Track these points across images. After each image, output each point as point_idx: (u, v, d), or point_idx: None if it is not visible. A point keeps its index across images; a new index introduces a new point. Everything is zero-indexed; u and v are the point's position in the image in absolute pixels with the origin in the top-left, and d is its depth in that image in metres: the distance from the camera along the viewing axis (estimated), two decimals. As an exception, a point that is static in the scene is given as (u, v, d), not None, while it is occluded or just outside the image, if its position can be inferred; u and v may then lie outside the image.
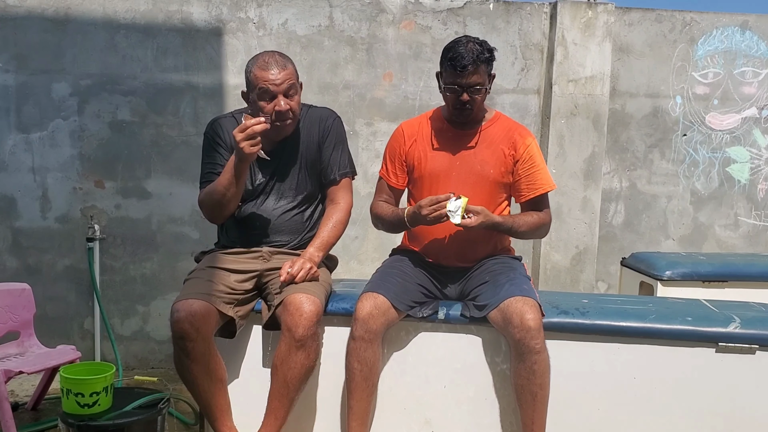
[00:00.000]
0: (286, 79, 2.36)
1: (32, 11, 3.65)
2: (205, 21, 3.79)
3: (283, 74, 2.36)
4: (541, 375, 2.22)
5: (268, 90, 2.34)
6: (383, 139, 3.88)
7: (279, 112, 2.36)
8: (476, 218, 2.31)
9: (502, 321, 2.25)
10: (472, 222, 2.31)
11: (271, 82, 2.34)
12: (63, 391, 2.34)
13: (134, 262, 3.87)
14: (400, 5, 3.95)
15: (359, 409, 2.32)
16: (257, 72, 2.36)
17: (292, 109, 2.40)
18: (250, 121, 2.22)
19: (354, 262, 4.04)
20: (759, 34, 4.25)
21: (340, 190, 2.55)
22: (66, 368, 2.49)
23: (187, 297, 2.25)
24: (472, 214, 2.31)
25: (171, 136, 3.83)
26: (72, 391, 2.31)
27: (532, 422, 2.26)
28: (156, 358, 3.93)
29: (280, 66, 2.37)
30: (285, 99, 2.37)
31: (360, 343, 2.27)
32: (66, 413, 2.34)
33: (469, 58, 2.32)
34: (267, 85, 2.34)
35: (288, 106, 2.38)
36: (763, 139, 4.35)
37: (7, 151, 3.71)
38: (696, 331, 2.34)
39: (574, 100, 4.04)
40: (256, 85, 2.36)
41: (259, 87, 2.35)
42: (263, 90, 2.34)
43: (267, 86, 2.34)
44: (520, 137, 2.51)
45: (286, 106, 2.37)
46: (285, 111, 2.37)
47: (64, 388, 2.33)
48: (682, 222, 4.35)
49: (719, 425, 2.35)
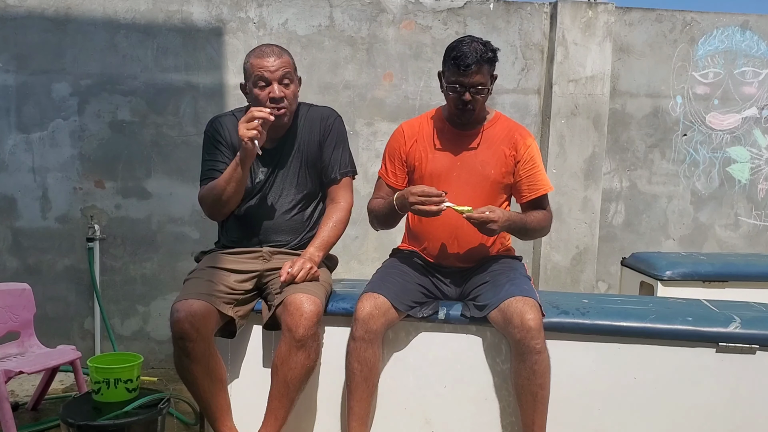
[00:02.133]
0: (281, 67, 2.37)
1: (32, 11, 3.65)
2: (205, 21, 3.79)
3: (279, 62, 2.37)
4: (541, 375, 2.22)
5: (263, 76, 2.35)
6: (383, 139, 3.88)
7: (273, 98, 2.36)
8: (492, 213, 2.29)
9: (503, 321, 2.25)
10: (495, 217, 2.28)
11: (266, 68, 2.35)
12: (104, 384, 2.39)
13: (134, 262, 3.87)
14: (401, 5, 3.95)
15: (360, 409, 2.32)
16: (253, 60, 2.38)
17: (287, 96, 2.39)
18: (257, 109, 2.27)
19: (354, 262, 4.04)
20: (759, 34, 4.25)
21: (341, 189, 2.55)
22: (95, 359, 2.55)
23: (187, 297, 2.24)
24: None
25: (171, 136, 3.83)
26: (121, 379, 2.38)
27: (533, 422, 2.26)
28: (156, 358, 3.93)
29: (276, 54, 2.38)
30: (280, 86, 2.37)
31: (360, 343, 2.27)
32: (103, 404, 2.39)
33: (473, 57, 2.32)
34: (262, 71, 2.35)
35: (282, 93, 2.37)
36: (763, 139, 4.34)
37: (7, 151, 3.71)
38: (696, 331, 2.34)
39: (575, 100, 4.04)
40: (252, 72, 2.37)
41: (255, 74, 2.36)
42: (258, 76, 2.35)
43: (262, 72, 2.35)
44: (521, 138, 2.51)
45: (280, 93, 2.37)
46: (279, 97, 2.37)
47: (108, 380, 2.39)
48: (683, 222, 4.35)
49: (719, 425, 2.35)
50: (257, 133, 2.26)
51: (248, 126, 2.25)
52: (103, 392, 2.41)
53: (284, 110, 2.41)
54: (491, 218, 2.28)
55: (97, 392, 2.43)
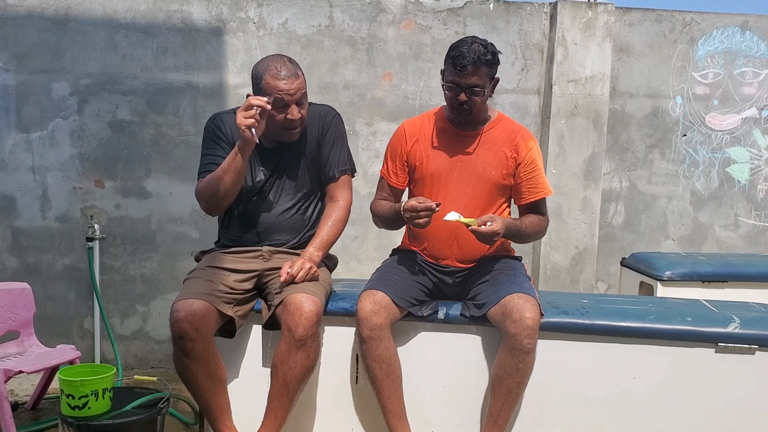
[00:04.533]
0: (299, 89, 2.36)
1: (32, 11, 3.65)
2: (205, 21, 3.79)
3: (297, 83, 2.36)
4: (522, 374, 2.25)
5: (283, 99, 2.34)
6: (383, 139, 3.88)
7: (290, 120, 2.37)
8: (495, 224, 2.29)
9: (501, 316, 2.25)
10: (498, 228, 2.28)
11: (285, 92, 2.33)
12: (61, 392, 2.34)
13: (134, 261, 3.87)
14: (401, 5, 3.95)
15: (392, 405, 2.33)
16: (270, 80, 2.34)
17: (303, 117, 2.41)
18: (255, 98, 2.25)
19: (354, 262, 4.04)
20: (759, 35, 4.25)
21: (339, 188, 2.55)
22: (64, 369, 2.49)
23: (187, 297, 2.25)
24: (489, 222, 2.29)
25: (171, 135, 3.83)
26: (64, 392, 2.31)
27: (498, 414, 2.28)
28: (156, 358, 3.93)
29: (292, 75, 2.36)
30: (297, 108, 2.37)
31: (369, 343, 2.28)
32: (62, 414, 2.35)
33: (470, 58, 2.32)
34: (282, 95, 2.33)
35: (300, 115, 2.39)
36: (763, 140, 4.35)
37: (7, 150, 3.71)
38: (696, 332, 2.34)
39: (574, 100, 4.04)
40: (269, 93, 2.33)
41: (274, 96, 2.32)
42: (277, 99, 2.33)
43: (282, 96, 2.33)
44: (523, 140, 2.51)
45: (297, 115, 2.38)
46: (296, 120, 2.38)
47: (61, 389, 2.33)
48: (682, 222, 4.35)
49: (719, 425, 2.35)
50: (255, 121, 2.25)
51: (246, 114, 2.24)
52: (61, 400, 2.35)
53: (299, 130, 2.43)
54: (496, 230, 2.29)
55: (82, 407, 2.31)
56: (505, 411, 2.29)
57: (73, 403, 2.30)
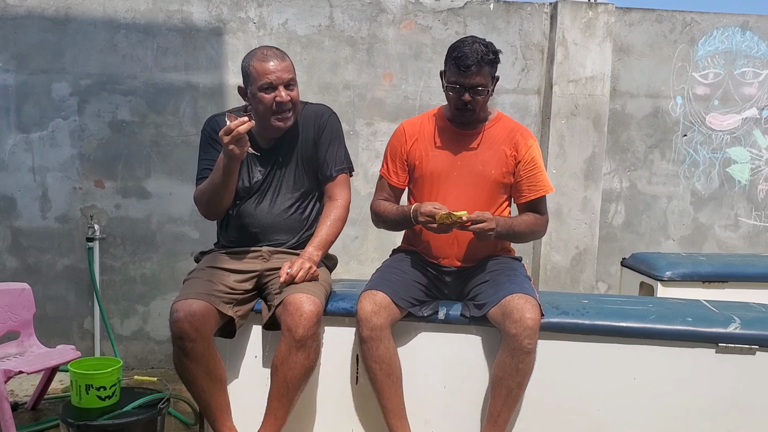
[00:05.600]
0: (286, 71, 2.37)
1: (32, 11, 3.65)
2: (205, 21, 3.79)
3: (283, 66, 2.37)
4: (523, 375, 2.24)
5: (269, 81, 2.35)
6: (383, 139, 3.88)
7: (280, 102, 2.37)
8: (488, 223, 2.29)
9: (501, 316, 2.25)
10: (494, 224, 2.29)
11: (272, 73, 2.34)
12: (78, 389, 2.35)
13: (134, 262, 3.87)
14: (401, 5, 3.95)
15: (393, 406, 2.33)
16: (257, 65, 2.36)
17: (293, 99, 2.40)
18: (234, 123, 2.19)
19: (354, 262, 4.04)
20: (759, 35, 4.25)
21: (337, 187, 2.55)
22: (75, 364, 2.50)
23: (187, 297, 2.24)
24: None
25: (171, 135, 3.83)
26: (93, 385, 2.34)
27: (498, 415, 2.28)
28: (156, 358, 3.93)
29: (279, 58, 2.38)
30: (285, 90, 2.37)
31: (369, 343, 2.28)
32: (80, 409, 2.36)
33: (473, 58, 2.32)
34: (268, 77, 2.34)
35: (289, 97, 2.38)
36: (763, 140, 4.34)
37: (7, 150, 3.71)
38: (696, 332, 2.34)
39: (575, 101, 4.04)
40: (257, 77, 2.36)
41: (260, 79, 2.34)
42: (265, 82, 2.34)
43: (268, 78, 2.34)
44: (522, 139, 2.51)
45: (287, 97, 2.37)
46: (286, 101, 2.38)
47: (81, 385, 2.34)
48: (683, 222, 4.35)
49: (719, 425, 2.35)
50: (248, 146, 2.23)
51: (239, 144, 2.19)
52: (77, 398, 2.39)
53: (291, 114, 2.42)
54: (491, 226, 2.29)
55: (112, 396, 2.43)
56: (506, 411, 2.29)
57: (104, 393, 2.35)
